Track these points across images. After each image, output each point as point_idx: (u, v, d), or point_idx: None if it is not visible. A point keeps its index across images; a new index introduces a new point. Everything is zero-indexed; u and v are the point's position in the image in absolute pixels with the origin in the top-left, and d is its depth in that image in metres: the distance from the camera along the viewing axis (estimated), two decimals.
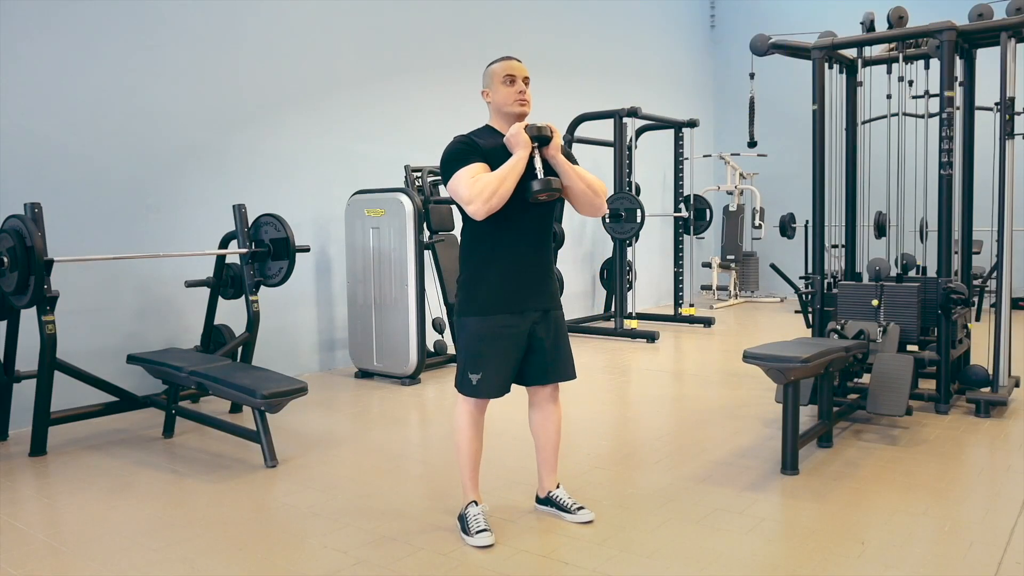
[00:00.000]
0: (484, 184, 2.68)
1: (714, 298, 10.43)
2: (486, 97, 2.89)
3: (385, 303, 5.63)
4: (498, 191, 2.68)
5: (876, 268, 4.56)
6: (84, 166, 4.87)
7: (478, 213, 2.70)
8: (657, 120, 8.14)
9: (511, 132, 2.77)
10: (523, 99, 2.83)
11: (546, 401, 3.03)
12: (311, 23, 6.15)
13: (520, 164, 2.73)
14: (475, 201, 2.68)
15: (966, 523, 3.00)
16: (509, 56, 2.90)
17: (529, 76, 2.87)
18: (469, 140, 2.82)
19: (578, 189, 2.87)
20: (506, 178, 2.70)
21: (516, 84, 2.83)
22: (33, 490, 3.60)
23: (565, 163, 2.84)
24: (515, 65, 2.85)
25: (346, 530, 3.01)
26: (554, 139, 2.80)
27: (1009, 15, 4.37)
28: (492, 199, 2.68)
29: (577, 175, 2.86)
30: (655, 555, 2.75)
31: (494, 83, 2.85)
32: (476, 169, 2.73)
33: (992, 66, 4.57)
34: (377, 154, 6.55)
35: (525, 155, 2.75)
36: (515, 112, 2.84)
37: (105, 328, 4.96)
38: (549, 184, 2.75)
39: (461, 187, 2.71)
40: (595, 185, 2.90)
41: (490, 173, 2.72)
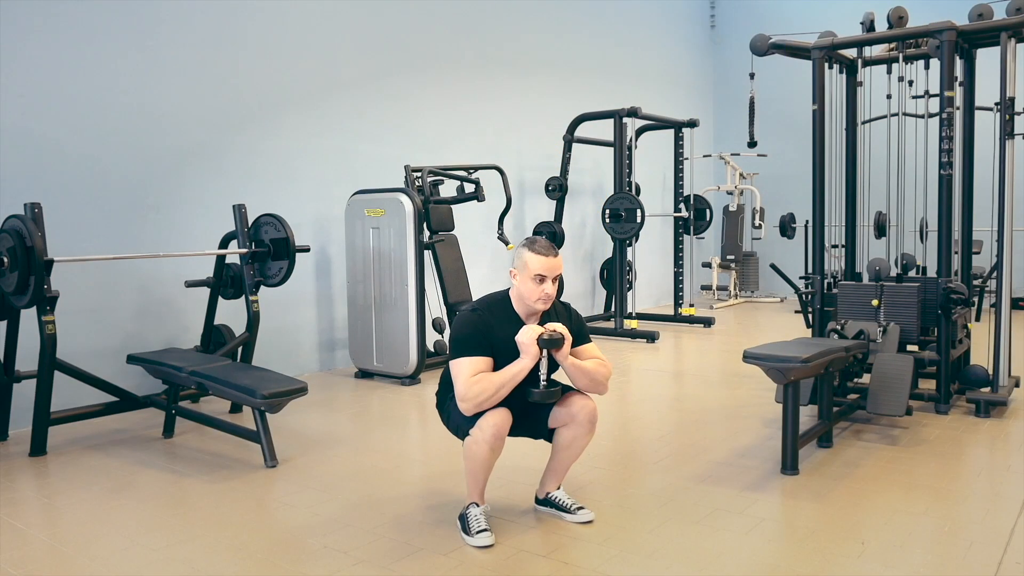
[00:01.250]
0: (481, 389, 2.72)
1: (714, 298, 10.43)
2: (513, 277, 2.89)
3: (385, 303, 5.63)
4: (492, 398, 2.74)
5: (876, 268, 4.56)
6: (84, 166, 4.87)
7: (466, 412, 2.77)
8: (657, 120, 8.13)
9: (522, 337, 2.77)
10: (546, 299, 2.84)
11: (586, 422, 2.94)
12: (311, 23, 6.15)
13: (522, 374, 2.77)
14: (467, 402, 2.74)
15: (966, 523, 3.00)
16: (549, 250, 2.85)
17: (562, 273, 2.90)
18: (482, 324, 2.82)
19: (581, 385, 2.92)
20: (504, 386, 2.75)
21: (544, 283, 2.82)
22: (33, 490, 3.60)
23: (573, 365, 2.85)
24: (551, 264, 2.82)
25: (346, 530, 3.01)
26: (564, 347, 2.79)
27: (1009, 15, 4.37)
28: (484, 404, 2.75)
29: (582, 374, 2.87)
30: (655, 555, 2.75)
31: (524, 273, 2.83)
32: (479, 365, 2.76)
33: (992, 66, 4.57)
34: (377, 154, 6.55)
35: (530, 365, 2.77)
36: (536, 309, 2.86)
37: (105, 328, 4.96)
38: (548, 396, 2.83)
39: (459, 381, 2.76)
40: (598, 378, 2.91)
41: (490, 377, 2.74)
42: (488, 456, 2.81)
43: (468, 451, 2.84)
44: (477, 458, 2.82)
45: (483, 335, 2.81)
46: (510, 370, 2.76)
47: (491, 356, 2.80)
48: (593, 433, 2.99)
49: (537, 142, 8.27)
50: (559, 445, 3.02)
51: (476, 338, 2.80)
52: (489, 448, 2.78)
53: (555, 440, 3.03)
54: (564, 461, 3.06)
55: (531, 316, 2.90)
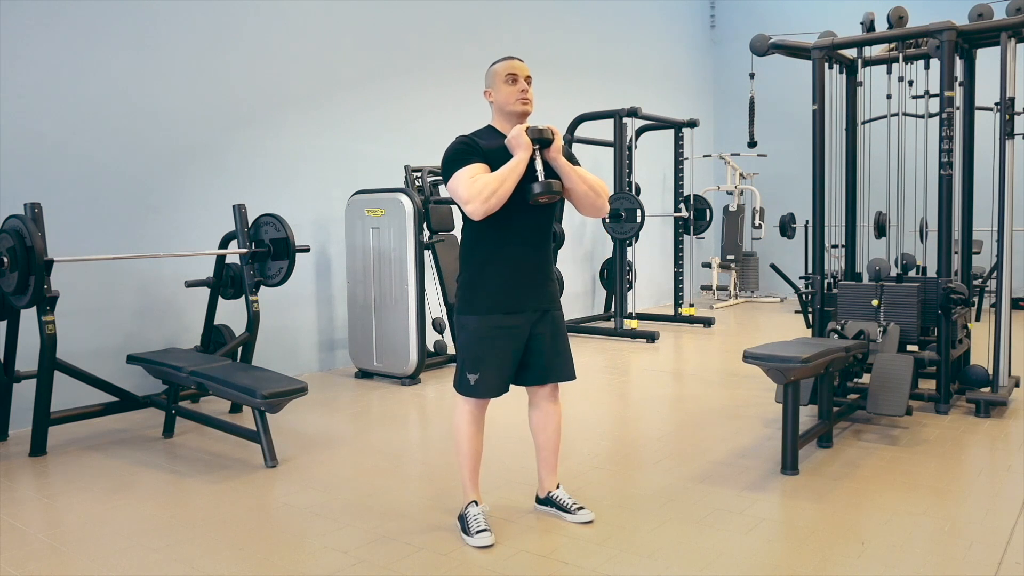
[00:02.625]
0: (483, 184, 2.68)
1: (714, 298, 10.43)
2: (488, 97, 2.89)
3: (385, 303, 5.63)
4: (497, 192, 2.68)
5: (876, 268, 4.56)
6: (84, 166, 4.87)
7: (476, 213, 2.70)
8: (657, 120, 8.14)
9: (512, 134, 2.77)
10: (525, 98, 2.83)
11: (545, 401, 3.02)
12: (311, 23, 6.15)
13: (520, 166, 2.73)
14: (473, 201, 2.68)
15: (966, 523, 3.00)
16: (511, 56, 2.90)
17: (531, 76, 2.87)
18: (470, 140, 2.82)
19: (580, 191, 2.87)
20: (505, 179, 2.70)
21: (518, 83, 2.83)
22: (33, 490, 3.59)
23: (566, 165, 2.84)
24: (517, 64, 2.85)
25: (346, 530, 3.01)
26: (555, 141, 2.80)
27: (1009, 15, 4.37)
28: (491, 199, 2.68)
29: (579, 176, 2.86)
30: (655, 555, 2.75)
31: (496, 82, 2.85)
32: (476, 169, 2.73)
33: (992, 66, 4.57)
34: (377, 154, 6.55)
35: (526, 157, 2.75)
36: (517, 111, 2.83)
37: (105, 328, 4.96)
38: (550, 187, 2.75)
39: (460, 187, 2.71)
40: (596, 186, 2.91)
41: (490, 174, 2.72)
42: (472, 430, 2.89)
43: (455, 424, 2.93)
44: (463, 429, 2.90)
45: (473, 148, 2.78)
46: (507, 165, 2.73)
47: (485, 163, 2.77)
48: (558, 404, 3.03)
49: None
50: (534, 430, 3.07)
51: (467, 151, 2.77)
52: (471, 417, 2.88)
53: (531, 427, 3.08)
54: (545, 445, 3.07)
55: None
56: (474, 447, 2.93)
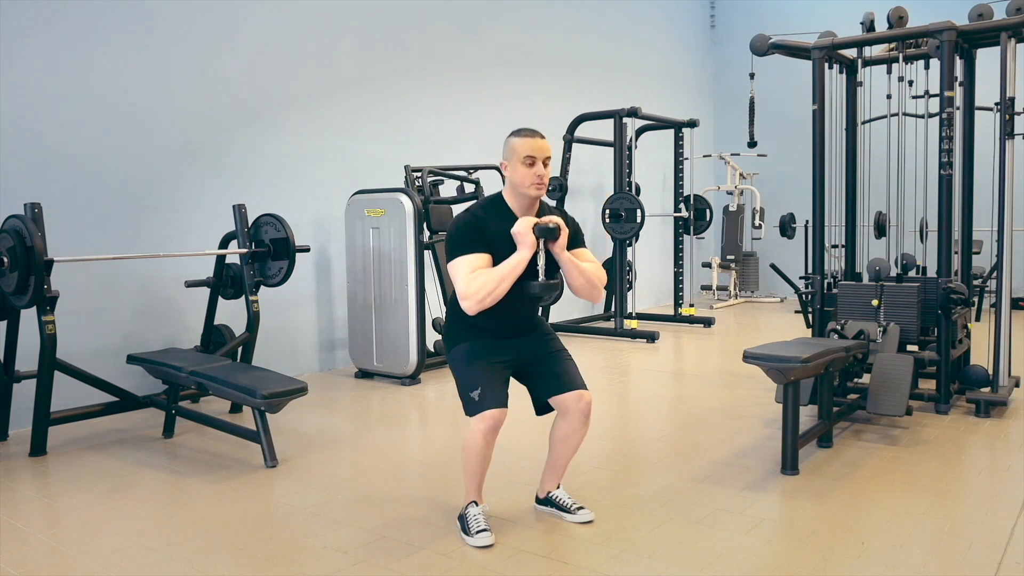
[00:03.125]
0: (481, 284, 2.68)
1: (714, 298, 10.43)
2: (504, 169, 2.84)
3: (385, 303, 5.63)
4: (494, 292, 2.70)
5: (876, 268, 4.56)
6: (84, 166, 4.87)
7: (469, 310, 2.71)
8: (657, 120, 8.13)
9: (518, 228, 2.74)
10: (540, 183, 2.78)
11: (579, 415, 2.93)
12: (311, 23, 6.15)
13: (521, 266, 2.73)
14: (469, 299, 2.69)
15: (966, 523, 3.00)
16: (534, 132, 2.81)
17: (551, 155, 2.83)
18: (477, 222, 2.78)
19: (577, 284, 2.88)
20: (504, 278, 2.71)
21: (536, 166, 2.77)
22: (33, 490, 3.59)
23: (569, 260, 2.82)
24: (539, 145, 2.77)
25: (346, 530, 3.01)
26: (561, 237, 2.78)
27: (1009, 15, 4.37)
28: (486, 300, 2.70)
29: (579, 271, 2.85)
30: (655, 555, 2.75)
31: (513, 159, 2.78)
32: (477, 261, 2.72)
33: (992, 66, 4.57)
34: (377, 154, 6.54)
35: (528, 256, 2.73)
36: (531, 195, 2.81)
37: (105, 328, 4.96)
38: (548, 288, 2.79)
39: (458, 279, 2.72)
40: (594, 279, 2.89)
41: (489, 271, 2.71)
42: (483, 447, 2.81)
43: (465, 443, 2.85)
44: (473, 449, 2.83)
45: (478, 232, 2.76)
46: (508, 263, 2.72)
47: (488, 253, 2.76)
48: (587, 427, 2.99)
49: None
50: (555, 439, 3.03)
51: (472, 236, 2.76)
52: (484, 439, 2.79)
53: (552, 435, 3.04)
54: (562, 456, 3.06)
55: (526, 210, 2.85)
56: (483, 464, 2.89)
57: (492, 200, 2.88)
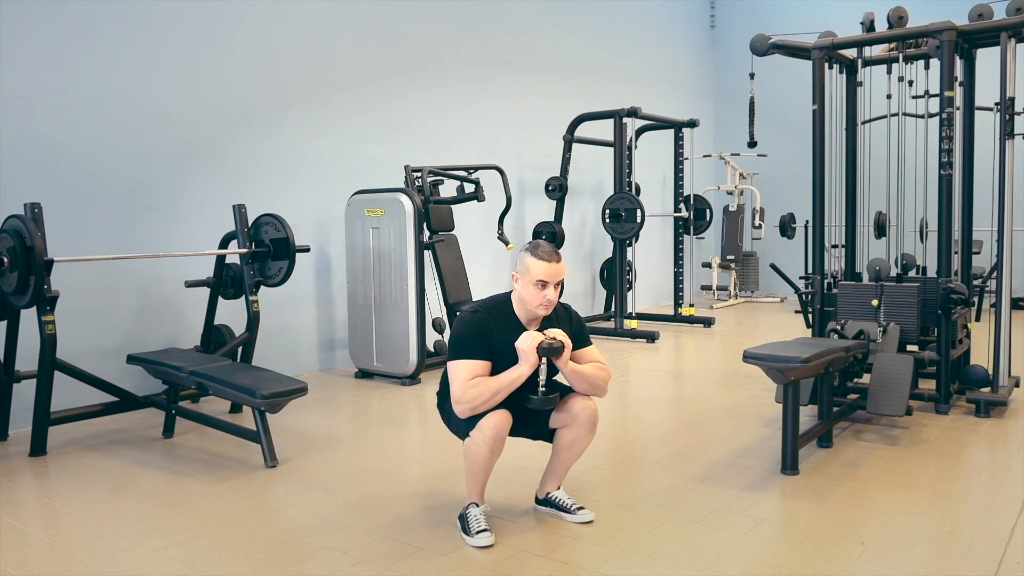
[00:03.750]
0: (477, 393, 2.72)
1: (714, 298, 10.43)
2: (515, 281, 2.88)
3: (385, 303, 5.63)
4: (488, 403, 2.74)
5: (876, 268, 4.56)
6: (84, 166, 4.86)
7: (461, 415, 2.76)
8: (657, 120, 8.13)
9: (522, 344, 2.75)
10: (548, 305, 2.82)
11: (587, 423, 2.93)
12: (311, 23, 6.14)
13: (519, 381, 2.76)
14: (462, 405, 2.74)
15: (966, 523, 3.00)
16: (551, 256, 2.82)
17: (564, 279, 2.86)
18: (483, 326, 2.81)
19: (581, 390, 2.91)
20: (500, 392, 2.74)
21: (547, 289, 2.80)
22: (33, 490, 3.59)
23: (572, 372, 2.84)
24: (553, 270, 2.80)
25: (346, 530, 3.01)
26: (564, 353, 2.78)
27: (1009, 15, 4.37)
28: (479, 409, 2.74)
29: (581, 379, 2.86)
30: (655, 555, 2.75)
31: (526, 278, 2.81)
32: (477, 369, 2.75)
33: (992, 66, 4.57)
34: (377, 154, 6.54)
35: (528, 372, 2.76)
36: (537, 314, 2.85)
37: (105, 328, 4.96)
38: (547, 403, 2.80)
39: (456, 384, 2.76)
40: (597, 383, 2.91)
41: (487, 382, 2.73)
42: (488, 457, 2.81)
43: (468, 452, 2.84)
44: (477, 459, 2.82)
45: (483, 337, 2.80)
46: (507, 376, 2.76)
47: (490, 359, 2.80)
48: (594, 434, 2.99)
49: (537, 142, 8.27)
50: (560, 446, 3.02)
51: (475, 340, 2.79)
52: (489, 450, 2.78)
53: (556, 441, 3.02)
54: (565, 462, 3.06)
55: (532, 321, 2.89)
56: (487, 470, 2.89)
57: (501, 303, 2.91)
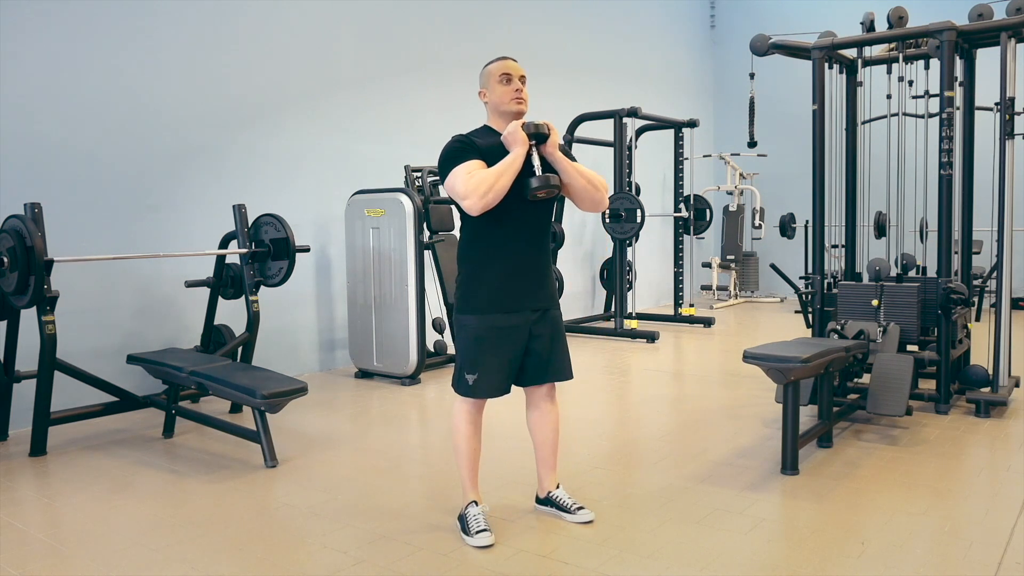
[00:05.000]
0: (480, 179, 2.68)
1: (714, 298, 10.43)
2: (483, 97, 2.90)
3: (385, 303, 5.63)
4: (494, 187, 2.68)
5: (876, 268, 4.56)
6: (84, 166, 4.87)
7: (474, 208, 2.70)
8: (657, 120, 8.14)
9: (508, 130, 2.77)
10: (520, 97, 2.83)
11: (542, 400, 3.02)
12: (311, 23, 6.15)
13: (517, 162, 2.73)
14: (471, 196, 2.67)
15: (966, 523, 3.00)
16: (505, 56, 2.92)
17: (526, 75, 2.88)
18: (466, 138, 2.83)
19: (578, 185, 2.86)
20: (503, 174, 2.70)
21: (513, 83, 2.83)
22: (33, 490, 3.59)
23: (563, 159, 2.84)
24: (511, 64, 2.86)
25: (346, 530, 3.01)
26: (552, 136, 2.80)
27: (1009, 15, 4.37)
28: (488, 194, 2.67)
29: (576, 171, 2.85)
30: (655, 555, 2.75)
31: (491, 83, 2.86)
32: (473, 166, 2.73)
33: (992, 66, 4.57)
34: (377, 154, 6.55)
35: (522, 153, 2.74)
36: (512, 111, 2.84)
37: (105, 328, 4.96)
38: (548, 181, 2.75)
39: (457, 183, 2.71)
40: (595, 180, 2.90)
41: (487, 169, 2.72)
42: (468, 427, 2.89)
43: (454, 425, 2.93)
44: (461, 432, 2.90)
45: (469, 146, 2.79)
46: (504, 161, 2.73)
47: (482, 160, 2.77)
48: (555, 404, 3.04)
49: None
50: (532, 428, 3.07)
51: (463, 149, 2.78)
52: (469, 418, 2.88)
53: (529, 427, 3.08)
54: (544, 445, 3.07)
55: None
56: (472, 447, 2.93)
57: (478, 128, 2.93)
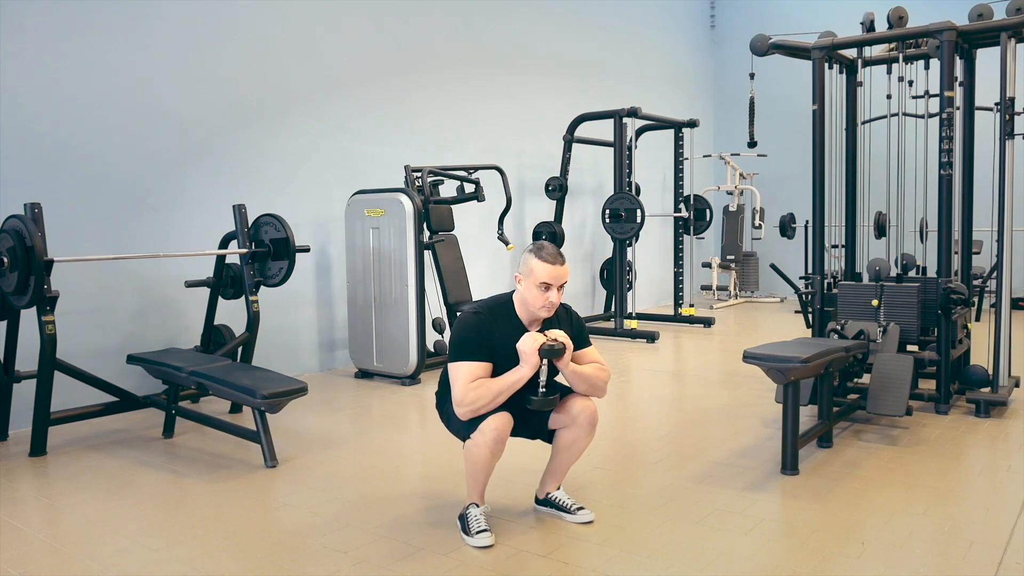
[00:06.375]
0: (478, 395, 2.72)
1: (714, 298, 10.42)
2: (518, 282, 2.87)
3: (385, 303, 5.63)
4: (489, 405, 2.74)
5: (876, 268, 4.56)
6: (84, 166, 4.86)
7: (463, 416, 2.76)
8: (657, 120, 8.13)
9: (523, 346, 2.75)
10: (550, 307, 2.82)
11: (587, 424, 2.94)
12: (312, 23, 6.14)
13: (520, 383, 2.76)
14: (464, 407, 2.74)
15: (966, 523, 3.00)
16: (556, 258, 2.81)
17: (568, 280, 2.85)
18: (484, 328, 2.80)
19: (581, 390, 2.92)
20: (502, 393, 2.75)
21: (550, 292, 2.80)
22: (33, 490, 3.59)
23: (572, 373, 2.85)
24: (557, 273, 2.79)
25: (346, 530, 3.01)
26: (565, 355, 2.78)
27: (1009, 15, 4.37)
28: (481, 410, 2.74)
29: (581, 379, 2.87)
30: (655, 555, 2.75)
31: (529, 280, 2.81)
32: (478, 371, 2.75)
33: (992, 66, 4.57)
34: (377, 154, 6.55)
35: (529, 374, 2.76)
36: (539, 316, 2.85)
37: (105, 328, 4.95)
38: (547, 404, 2.81)
39: (457, 386, 2.76)
40: (598, 382, 2.92)
41: (488, 384, 2.74)
42: (488, 459, 2.81)
43: (469, 454, 2.84)
44: (478, 461, 2.82)
45: (484, 339, 2.80)
46: (509, 378, 2.76)
47: (491, 360, 2.80)
48: (593, 435, 2.99)
49: (537, 142, 8.27)
50: (559, 446, 3.02)
51: (476, 341, 2.79)
52: (490, 452, 2.78)
53: (556, 441, 3.03)
54: (564, 462, 3.06)
55: (533, 322, 2.89)
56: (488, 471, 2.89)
57: (502, 305, 2.91)
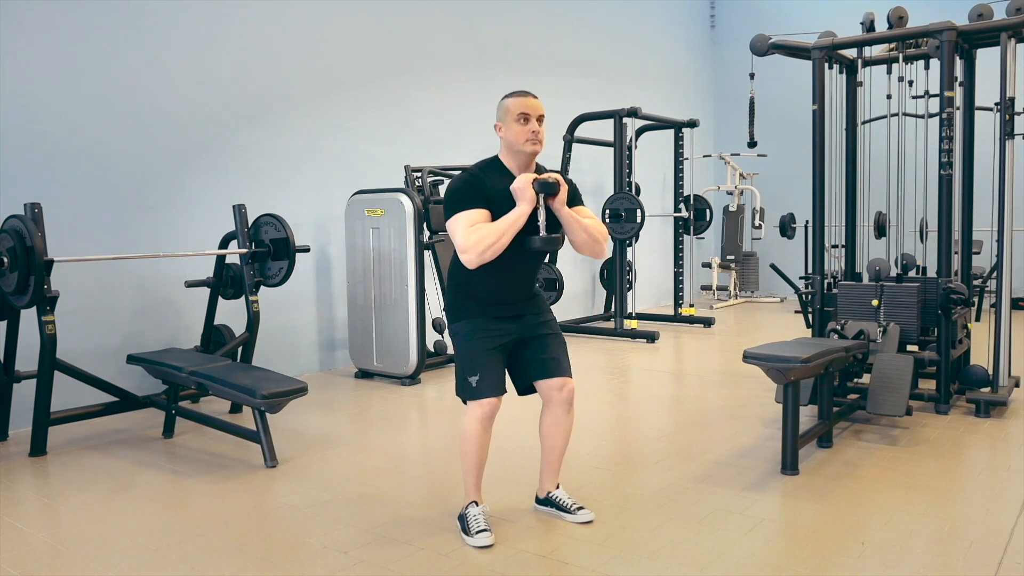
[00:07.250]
0: (481, 236, 2.67)
1: (714, 298, 10.43)
2: (498, 131, 2.84)
3: (385, 303, 5.63)
4: (494, 245, 2.68)
5: (876, 268, 4.56)
6: (84, 166, 4.87)
7: (470, 263, 2.70)
8: (657, 120, 8.13)
9: (517, 184, 2.74)
10: (536, 138, 2.79)
11: (561, 405, 2.96)
12: (312, 23, 6.15)
13: (521, 220, 2.72)
14: (469, 252, 2.68)
15: (966, 523, 3.00)
16: (525, 92, 2.83)
17: (544, 114, 2.83)
18: (475, 180, 2.78)
19: (580, 239, 2.88)
20: (505, 232, 2.70)
21: (530, 123, 2.78)
22: (33, 490, 3.59)
23: (569, 215, 2.83)
24: (531, 103, 2.79)
25: (346, 530, 3.01)
26: (560, 193, 2.78)
27: (1009, 15, 4.37)
28: (487, 252, 2.68)
29: (580, 226, 2.85)
30: (655, 555, 2.75)
31: (507, 119, 2.79)
32: (476, 216, 2.72)
33: (992, 66, 4.57)
34: (377, 154, 6.55)
35: (528, 210, 2.73)
36: (527, 151, 2.80)
37: (105, 328, 4.96)
38: (550, 242, 2.79)
39: (458, 233, 2.71)
40: (596, 233, 2.89)
41: (489, 225, 2.70)
42: (480, 433, 2.84)
43: (463, 431, 2.87)
44: (471, 437, 2.85)
45: (477, 189, 2.76)
46: (509, 217, 2.71)
47: (487, 208, 2.75)
48: (572, 416, 3.01)
49: None
50: (543, 434, 3.05)
51: (470, 192, 2.76)
52: (480, 425, 2.82)
53: (540, 430, 3.05)
54: (553, 450, 3.06)
55: (524, 168, 2.84)
56: (481, 456, 2.90)
57: (490, 161, 2.89)
